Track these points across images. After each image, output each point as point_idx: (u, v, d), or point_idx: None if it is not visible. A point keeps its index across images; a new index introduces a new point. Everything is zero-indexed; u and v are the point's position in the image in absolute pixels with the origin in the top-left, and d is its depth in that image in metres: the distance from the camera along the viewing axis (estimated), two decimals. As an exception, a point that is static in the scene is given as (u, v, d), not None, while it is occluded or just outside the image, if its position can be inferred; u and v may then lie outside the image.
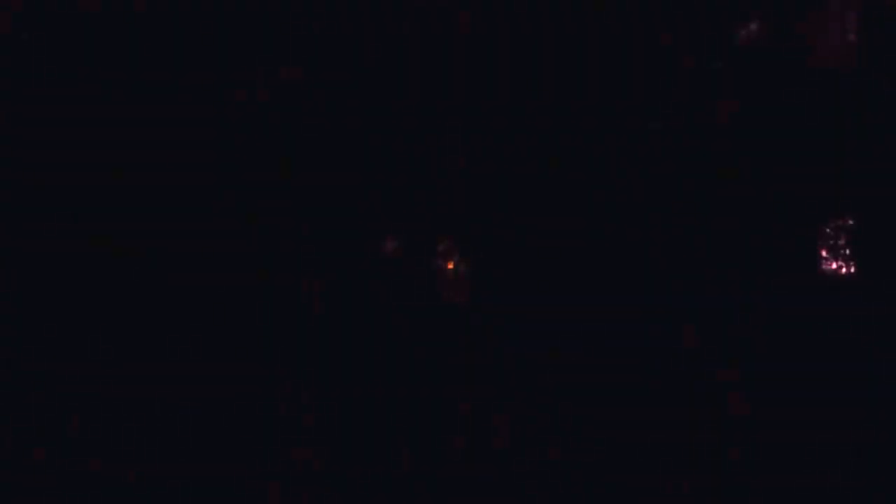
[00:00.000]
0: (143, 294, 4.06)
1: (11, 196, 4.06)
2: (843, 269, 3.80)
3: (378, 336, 4.05)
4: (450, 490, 3.91)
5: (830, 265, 3.81)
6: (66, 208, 4.07)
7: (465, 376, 4.00)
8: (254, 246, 4.10)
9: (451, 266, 4.08)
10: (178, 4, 4.08)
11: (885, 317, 3.73)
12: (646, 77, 3.98)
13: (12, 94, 4.07)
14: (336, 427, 4.00)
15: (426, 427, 3.99)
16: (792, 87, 3.87)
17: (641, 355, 3.89)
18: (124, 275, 4.08)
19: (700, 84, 3.95)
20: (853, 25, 3.82)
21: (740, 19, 3.92)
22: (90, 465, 3.93)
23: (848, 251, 3.79)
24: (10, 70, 4.07)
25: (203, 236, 4.11)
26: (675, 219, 3.94)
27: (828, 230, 3.82)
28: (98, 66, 4.08)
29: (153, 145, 4.13)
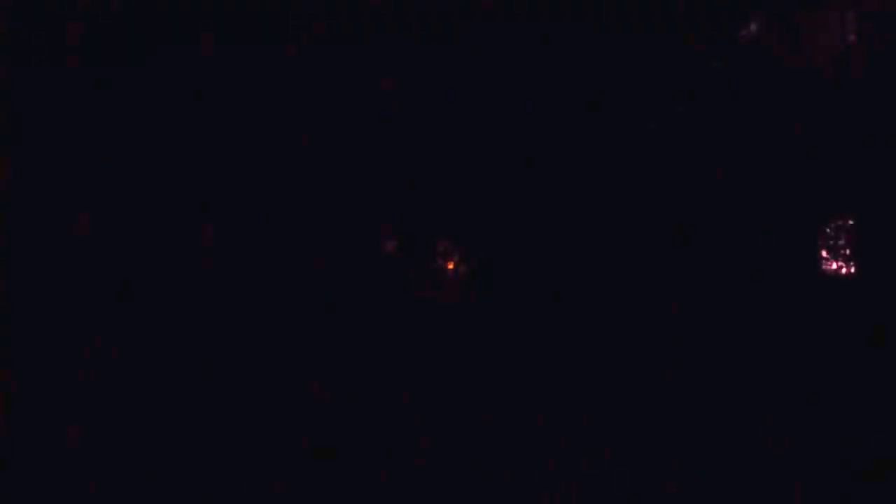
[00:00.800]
0: (140, 293, 4.06)
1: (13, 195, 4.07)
2: (843, 269, 3.80)
3: (378, 335, 4.05)
4: (449, 488, 3.92)
5: (830, 265, 3.82)
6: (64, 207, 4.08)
7: (464, 375, 4.01)
8: (253, 245, 4.10)
9: (451, 266, 4.08)
10: (181, 4, 4.08)
11: (885, 317, 3.73)
12: (646, 77, 3.98)
13: (12, 93, 4.07)
14: (336, 425, 4.01)
15: (426, 425, 3.99)
16: (792, 87, 3.87)
17: (640, 354, 3.89)
18: (120, 273, 4.08)
19: (700, 84, 3.95)
20: (853, 25, 3.82)
21: (740, 19, 3.93)
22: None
23: (848, 251, 3.80)
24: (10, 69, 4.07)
25: (201, 235, 4.11)
26: (675, 219, 3.94)
27: (828, 230, 3.83)
28: (95, 63, 4.08)
29: (152, 145, 4.13)
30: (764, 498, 3.71)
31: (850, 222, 3.81)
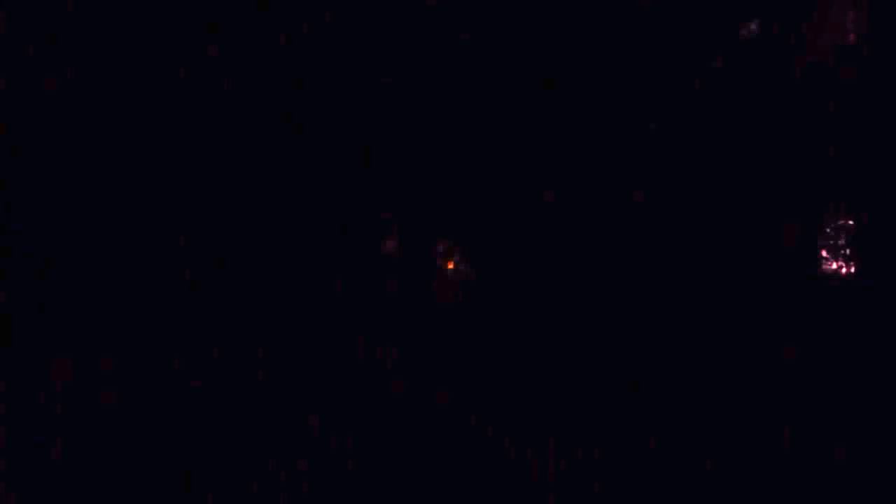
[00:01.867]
0: (140, 291, 4.07)
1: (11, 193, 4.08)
2: (843, 270, 3.79)
3: (377, 334, 4.06)
4: (448, 486, 3.92)
5: (830, 265, 3.81)
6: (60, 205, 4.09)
7: (463, 374, 4.01)
8: (253, 244, 4.11)
9: (451, 266, 4.08)
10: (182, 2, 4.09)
11: (885, 317, 3.73)
12: (646, 77, 3.99)
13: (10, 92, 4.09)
14: (336, 425, 4.01)
15: (424, 425, 3.99)
16: (792, 86, 3.87)
17: (640, 353, 3.89)
18: (120, 271, 4.09)
19: (700, 84, 3.95)
20: (853, 25, 3.82)
21: (740, 19, 3.93)
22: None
23: (848, 251, 3.79)
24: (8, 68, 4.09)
25: (201, 235, 4.12)
26: (674, 219, 3.94)
27: (828, 230, 3.82)
28: (90, 61, 4.10)
29: (154, 143, 4.14)
30: (763, 497, 3.71)
31: (850, 222, 3.80)
